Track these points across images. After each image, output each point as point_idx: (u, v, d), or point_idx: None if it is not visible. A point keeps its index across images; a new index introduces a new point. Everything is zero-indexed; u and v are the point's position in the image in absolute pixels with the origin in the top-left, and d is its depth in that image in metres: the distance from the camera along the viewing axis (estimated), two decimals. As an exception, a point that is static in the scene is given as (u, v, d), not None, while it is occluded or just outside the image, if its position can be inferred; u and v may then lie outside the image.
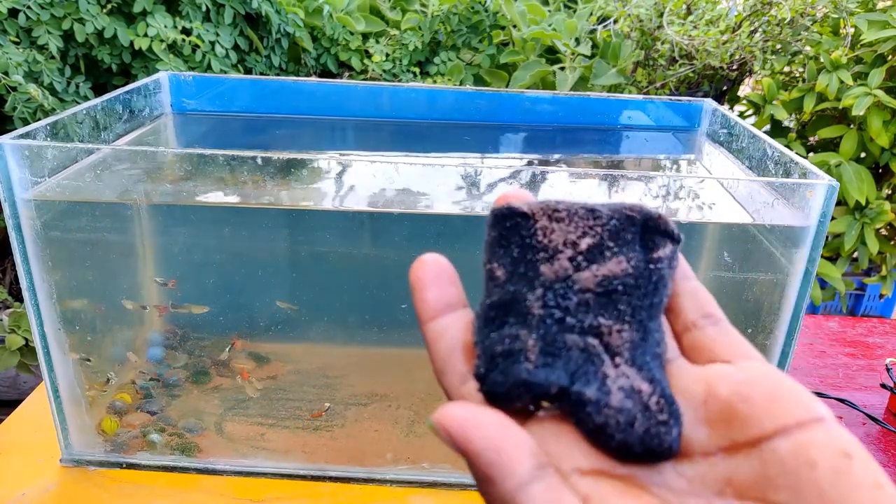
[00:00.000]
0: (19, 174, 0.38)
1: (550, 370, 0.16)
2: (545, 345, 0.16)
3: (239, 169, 0.40)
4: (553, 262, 0.17)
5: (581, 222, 0.17)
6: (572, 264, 0.17)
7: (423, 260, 0.17)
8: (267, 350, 0.46)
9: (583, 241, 0.17)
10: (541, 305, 0.17)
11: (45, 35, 0.79)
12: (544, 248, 0.17)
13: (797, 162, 0.41)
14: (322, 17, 1.10)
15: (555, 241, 0.17)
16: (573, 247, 0.17)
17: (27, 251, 0.40)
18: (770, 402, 0.14)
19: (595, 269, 0.17)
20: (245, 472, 0.45)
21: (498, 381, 0.16)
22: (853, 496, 0.13)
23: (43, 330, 0.42)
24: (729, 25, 1.06)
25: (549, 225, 0.17)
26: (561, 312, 0.16)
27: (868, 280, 0.99)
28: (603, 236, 0.17)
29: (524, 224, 0.17)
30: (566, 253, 0.17)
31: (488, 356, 0.16)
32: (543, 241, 0.17)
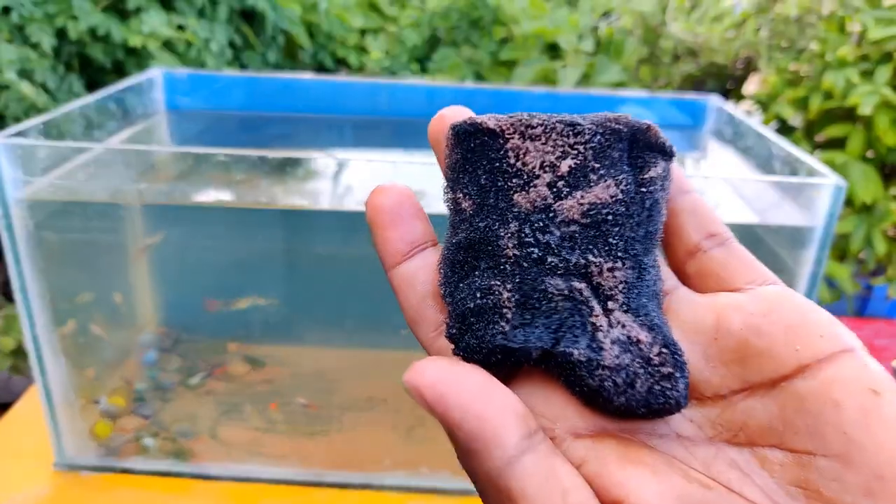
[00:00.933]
0: (11, 173, 0.37)
1: (530, 329, 0.13)
2: (522, 296, 0.14)
3: (234, 168, 0.39)
4: (529, 190, 0.14)
5: (560, 140, 0.14)
6: (552, 191, 0.14)
7: (381, 189, 0.15)
8: (263, 353, 0.45)
9: (563, 163, 0.14)
10: (516, 244, 0.14)
11: (38, 32, 0.78)
12: (518, 172, 0.14)
13: (804, 160, 0.40)
14: (319, 13, 1.09)
15: (530, 163, 0.14)
16: (552, 170, 0.14)
17: (19, 252, 0.39)
18: (789, 335, 0.12)
19: (580, 195, 0.14)
20: (240, 477, 0.44)
21: (472, 345, 0.14)
22: (881, 439, 0.11)
23: (35, 332, 0.41)
24: (734, 22, 1.05)
25: (522, 144, 0.14)
26: (540, 251, 0.14)
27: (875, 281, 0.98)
28: (587, 156, 0.14)
29: (492, 143, 0.14)
30: (544, 178, 0.14)
31: (459, 314, 0.14)
32: (517, 163, 0.14)
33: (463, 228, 0.15)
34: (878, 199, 0.92)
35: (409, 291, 0.15)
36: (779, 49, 1.01)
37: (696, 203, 0.15)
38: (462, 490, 0.44)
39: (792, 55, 1.00)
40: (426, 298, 0.14)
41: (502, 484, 0.11)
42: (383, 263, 0.15)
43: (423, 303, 0.14)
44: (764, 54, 1.00)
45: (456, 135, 0.15)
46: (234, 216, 0.41)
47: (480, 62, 1.14)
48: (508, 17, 1.12)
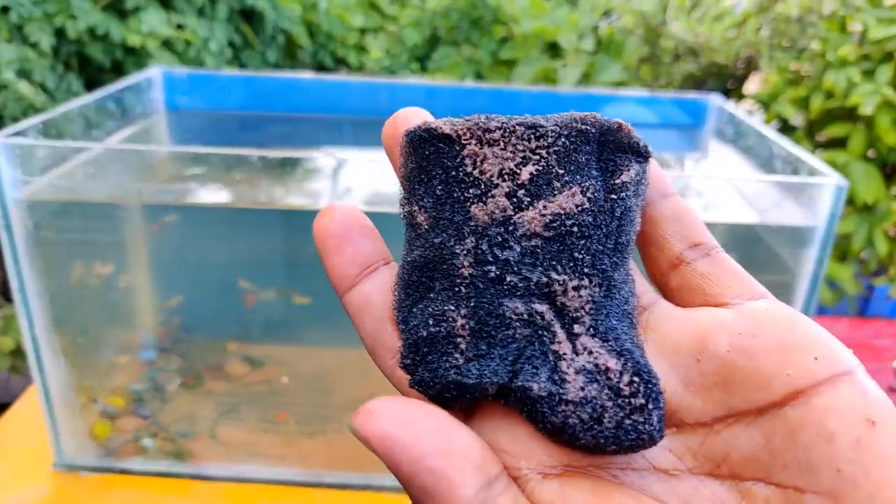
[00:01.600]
0: (10, 173, 0.37)
1: (485, 362, 0.12)
2: (477, 322, 0.12)
3: (234, 168, 0.39)
4: (486, 201, 0.13)
5: (521, 144, 0.13)
6: (511, 202, 0.13)
7: (325, 211, 0.14)
8: (262, 353, 0.45)
9: (524, 170, 0.13)
10: (472, 262, 0.12)
11: (37, 32, 0.78)
12: (475, 181, 0.13)
13: (805, 160, 0.40)
14: (319, 13, 1.09)
15: (488, 171, 0.13)
16: (512, 178, 0.13)
17: (18, 252, 0.39)
18: (780, 357, 0.11)
19: (542, 206, 0.13)
20: (239, 478, 0.44)
21: (425, 379, 0.12)
22: (876, 477, 0.10)
23: (34, 332, 0.41)
24: (735, 21, 1.04)
25: (479, 150, 0.13)
26: (498, 269, 0.12)
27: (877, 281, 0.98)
28: (549, 161, 0.13)
29: (448, 150, 0.13)
30: (503, 187, 0.13)
31: (412, 343, 0.13)
32: (473, 171, 0.13)
33: (418, 245, 0.13)
34: (880, 199, 0.92)
35: (365, 317, 0.13)
36: (780, 48, 1.01)
37: (678, 209, 0.14)
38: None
39: (793, 54, 1.00)
40: (383, 322, 0.13)
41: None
42: (335, 288, 0.14)
43: (379, 327, 0.13)
44: (765, 54, 1.00)
45: (410, 141, 0.14)
46: (233, 216, 0.41)
47: (480, 61, 1.14)
48: (508, 16, 1.12)
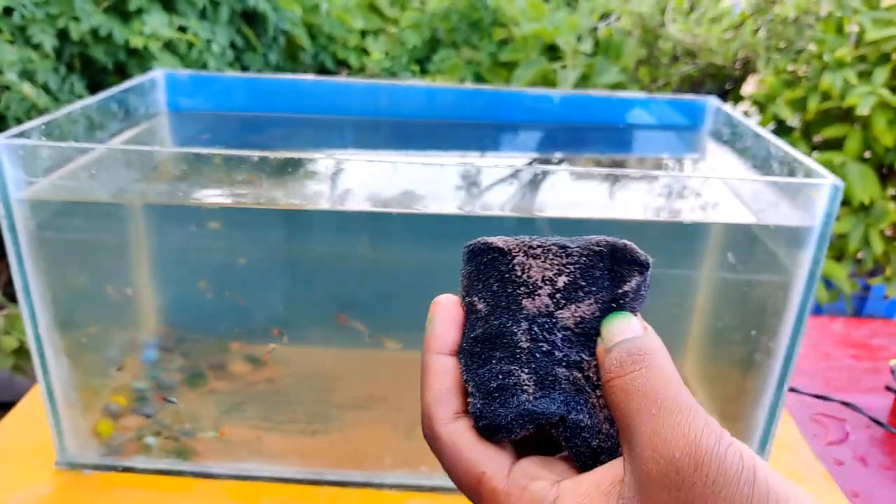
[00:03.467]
0: (13, 174, 0.38)
1: (550, 401, 0.17)
2: (538, 378, 0.18)
3: (236, 169, 0.39)
4: (534, 297, 0.18)
5: (556, 259, 0.18)
6: (552, 301, 0.18)
7: (442, 300, 0.19)
8: (264, 352, 0.46)
9: (559, 279, 0.18)
10: (529, 338, 0.18)
11: (40, 33, 0.78)
12: (524, 282, 0.18)
13: (802, 161, 0.40)
14: (320, 15, 1.09)
15: (534, 276, 0.18)
16: (551, 283, 0.18)
17: (21, 252, 0.39)
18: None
19: (573, 308, 0.18)
20: (241, 475, 0.44)
21: (499, 413, 0.17)
22: None
23: (37, 332, 0.41)
24: (732, 23, 1.05)
25: (526, 261, 0.18)
26: (548, 346, 0.18)
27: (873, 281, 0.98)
28: (576, 275, 0.18)
29: (501, 259, 0.18)
30: (545, 289, 0.18)
31: (484, 392, 0.18)
32: (523, 276, 0.18)
33: (479, 326, 0.18)
34: (876, 199, 0.92)
35: (440, 378, 0.18)
36: (777, 50, 1.01)
37: None
38: (462, 488, 0.44)
39: (790, 56, 1.00)
40: (453, 390, 0.18)
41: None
42: (427, 347, 0.18)
43: (449, 393, 0.18)
44: (762, 55, 1.00)
45: (470, 252, 0.19)
46: (234, 216, 0.41)
47: (480, 63, 1.14)
48: (508, 18, 1.12)
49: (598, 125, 0.59)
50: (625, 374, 0.16)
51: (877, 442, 0.53)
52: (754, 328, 0.42)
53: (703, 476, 0.14)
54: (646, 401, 0.16)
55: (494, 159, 0.57)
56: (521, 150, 0.60)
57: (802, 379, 0.60)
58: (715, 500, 0.14)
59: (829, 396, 0.57)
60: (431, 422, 0.17)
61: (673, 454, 0.15)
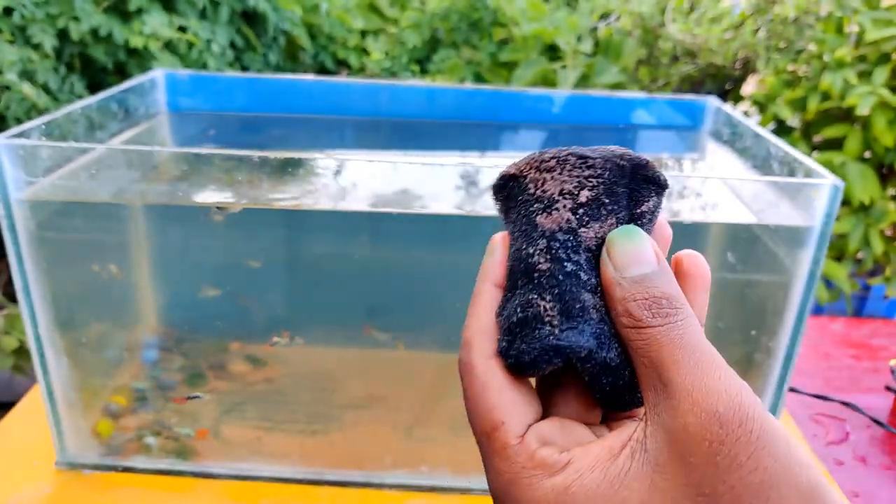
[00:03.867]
0: (13, 174, 0.38)
1: (577, 333, 0.16)
2: (564, 305, 0.16)
3: (236, 168, 0.39)
4: (551, 212, 0.16)
5: (575, 171, 0.17)
6: (574, 216, 0.16)
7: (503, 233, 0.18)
8: (264, 353, 0.46)
9: (582, 193, 0.16)
10: (547, 258, 0.16)
11: (40, 33, 0.78)
12: (538, 198, 0.17)
13: (802, 161, 0.40)
14: (320, 15, 1.09)
15: (549, 190, 0.17)
16: (572, 197, 0.16)
17: (21, 252, 0.39)
18: None
19: (597, 227, 0.16)
20: (241, 476, 0.44)
21: (523, 350, 0.16)
22: None
23: (37, 332, 0.41)
24: (732, 23, 1.05)
25: (539, 176, 0.17)
26: (573, 265, 0.16)
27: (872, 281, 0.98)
28: (599, 190, 0.16)
29: (517, 185, 0.17)
30: (565, 202, 0.16)
31: (506, 329, 0.16)
32: (536, 191, 0.17)
33: (510, 258, 0.17)
34: (876, 199, 0.92)
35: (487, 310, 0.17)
36: (777, 50, 1.01)
37: None
38: (461, 488, 0.44)
39: (790, 56, 1.00)
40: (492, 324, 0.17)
41: None
42: (484, 275, 0.18)
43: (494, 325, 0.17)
44: (762, 55, 1.00)
45: (493, 190, 0.18)
46: (234, 216, 0.41)
47: (480, 63, 1.14)
48: (508, 18, 1.12)
49: (599, 125, 0.59)
50: (660, 325, 0.15)
51: (877, 442, 0.53)
52: (754, 328, 0.42)
53: (747, 431, 0.14)
54: (684, 353, 0.15)
55: (495, 159, 0.57)
56: (521, 150, 0.60)
57: (802, 379, 0.60)
58: (759, 455, 0.14)
59: (830, 396, 0.57)
60: (470, 352, 0.17)
61: (716, 408, 0.14)
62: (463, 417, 0.18)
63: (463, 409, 0.17)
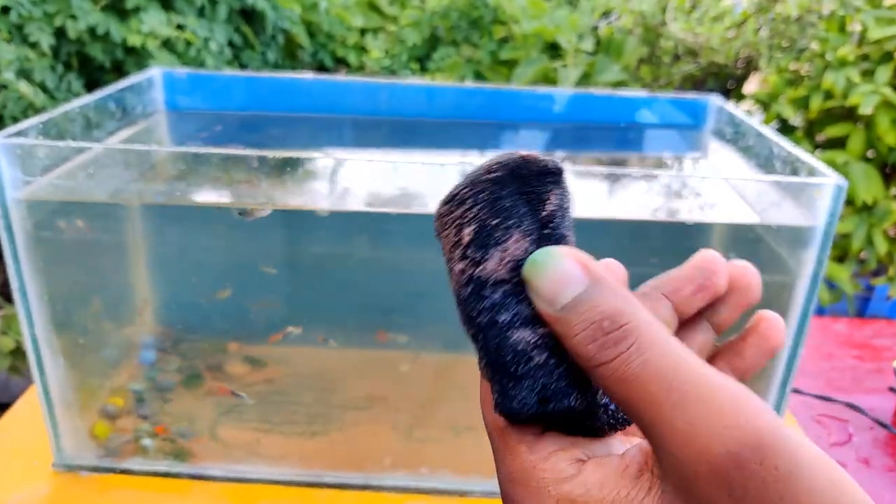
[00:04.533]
0: (10, 173, 0.37)
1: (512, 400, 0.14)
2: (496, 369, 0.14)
3: (234, 168, 0.39)
4: (451, 276, 0.14)
5: (451, 217, 0.14)
6: (468, 261, 0.14)
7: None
8: (263, 353, 0.45)
9: (464, 234, 0.14)
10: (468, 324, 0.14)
11: (38, 32, 0.78)
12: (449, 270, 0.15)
13: (804, 160, 0.40)
14: (319, 13, 1.09)
15: (446, 255, 0.14)
16: (458, 246, 0.14)
17: (18, 252, 0.39)
18: None
19: (498, 256, 0.14)
20: (239, 478, 0.44)
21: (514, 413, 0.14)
22: None
23: (34, 332, 0.41)
24: (734, 22, 1.04)
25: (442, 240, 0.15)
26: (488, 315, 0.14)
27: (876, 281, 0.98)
28: (481, 217, 0.14)
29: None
30: (455, 254, 0.14)
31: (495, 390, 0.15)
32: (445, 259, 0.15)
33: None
34: (879, 199, 0.92)
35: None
36: (779, 49, 1.01)
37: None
38: (461, 490, 0.44)
39: (792, 55, 1.00)
40: None
41: None
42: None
43: None
44: (764, 54, 1.00)
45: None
46: (233, 216, 0.41)
47: (480, 61, 1.14)
48: (508, 16, 1.12)
49: (600, 124, 0.58)
50: (611, 359, 0.13)
51: (880, 443, 0.52)
52: (757, 329, 0.42)
53: (772, 469, 0.11)
54: (657, 388, 0.12)
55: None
56: (521, 149, 0.59)
57: (805, 380, 0.60)
58: (794, 493, 0.11)
59: (832, 397, 0.56)
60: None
61: (728, 448, 0.12)
62: (462, 419, 0.17)
63: (462, 410, 0.17)
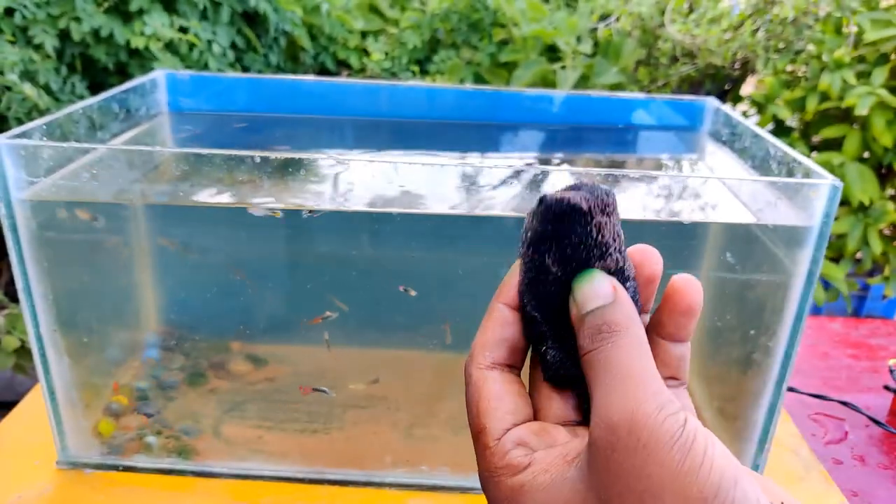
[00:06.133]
0: (15, 174, 0.38)
1: None
2: None
3: (236, 169, 0.39)
4: (606, 259, 0.18)
5: (616, 212, 0.18)
6: (621, 256, 0.18)
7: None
8: (265, 352, 0.46)
9: (621, 233, 0.18)
10: None
11: (42, 34, 0.78)
12: (598, 244, 0.18)
13: (800, 161, 0.41)
14: (320, 15, 1.09)
15: (606, 237, 0.18)
16: (618, 238, 0.18)
17: (23, 252, 0.39)
18: None
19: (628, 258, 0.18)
20: (242, 475, 0.45)
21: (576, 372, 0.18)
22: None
23: (39, 331, 0.41)
24: (731, 24, 1.05)
25: (603, 220, 0.18)
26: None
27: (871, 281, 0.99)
28: (617, 226, 0.18)
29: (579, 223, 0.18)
30: (615, 245, 0.18)
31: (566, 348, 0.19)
32: (598, 237, 0.18)
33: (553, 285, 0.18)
34: (875, 200, 0.93)
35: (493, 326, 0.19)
36: (776, 50, 1.02)
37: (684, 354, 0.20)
38: (461, 487, 0.45)
39: (789, 57, 1.01)
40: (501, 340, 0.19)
41: None
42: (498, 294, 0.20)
43: (496, 340, 0.19)
44: (761, 56, 1.00)
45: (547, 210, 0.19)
46: (235, 216, 0.41)
47: (480, 64, 1.15)
48: (508, 19, 1.12)
49: (598, 125, 0.59)
50: (594, 348, 0.17)
51: (875, 441, 0.53)
52: (753, 328, 0.42)
53: (635, 439, 0.15)
54: (606, 372, 0.16)
55: (494, 160, 0.57)
56: (520, 150, 0.60)
57: (801, 378, 0.60)
58: (646, 462, 0.15)
59: (828, 396, 0.57)
60: (471, 362, 0.19)
61: (612, 418, 0.15)
62: (462, 417, 0.18)
63: (460, 409, 0.18)
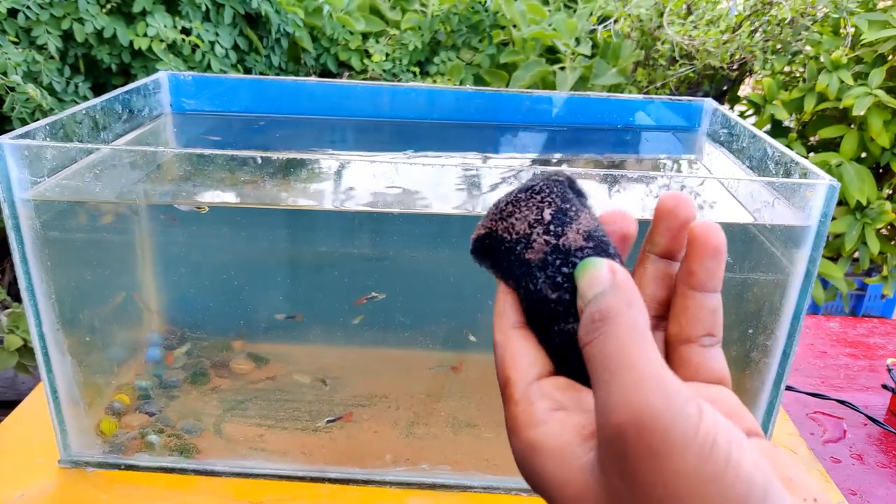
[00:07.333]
0: (18, 174, 0.38)
1: None
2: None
3: (238, 169, 0.40)
4: (532, 245, 0.18)
5: (530, 202, 0.18)
6: (550, 235, 0.18)
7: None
8: (266, 351, 0.46)
9: (545, 215, 0.18)
10: (550, 286, 0.17)
11: (45, 35, 0.79)
12: (517, 241, 0.18)
13: (798, 162, 0.41)
14: (322, 17, 1.10)
15: (520, 230, 0.18)
16: (539, 223, 0.18)
17: (26, 251, 0.40)
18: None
19: (575, 227, 0.18)
20: (244, 473, 0.45)
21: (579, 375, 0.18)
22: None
23: (41, 330, 0.41)
24: (729, 25, 1.06)
25: (505, 223, 0.18)
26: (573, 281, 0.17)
27: (869, 280, 0.99)
28: (556, 203, 0.18)
29: (492, 240, 0.19)
30: (537, 230, 0.18)
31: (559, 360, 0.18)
32: (512, 236, 0.18)
33: (523, 303, 0.18)
34: (872, 200, 0.93)
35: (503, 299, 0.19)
36: (773, 52, 1.02)
37: (716, 307, 0.18)
38: (462, 485, 0.45)
39: (786, 58, 1.01)
40: (513, 304, 0.19)
41: None
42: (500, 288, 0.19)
43: (509, 306, 0.19)
44: (759, 57, 1.01)
45: (475, 255, 0.20)
46: (238, 216, 0.42)
47: (480, 65, 1.15)
48: (507, 21, 1.13)
49: (597, 126, 0.59)
50: (589, 340, 0.15)
51: (873, 440, 0.53)
52: (752, 327, 0.43)
53: (645, 446, 0.13)
54: (601, 368, 0.15)
55: (494, 160, 0.57)
56: (520, 151, 0.60)
57: (799, 377, 0.61)
58: (660, 470, 0.13)
59: (826, 395, 0.57)
60: (495, 330, 0.18)
61: (617, 420, 0.14)
62: (461, 416, 0.18)
63: (460, 408, 0.18)
